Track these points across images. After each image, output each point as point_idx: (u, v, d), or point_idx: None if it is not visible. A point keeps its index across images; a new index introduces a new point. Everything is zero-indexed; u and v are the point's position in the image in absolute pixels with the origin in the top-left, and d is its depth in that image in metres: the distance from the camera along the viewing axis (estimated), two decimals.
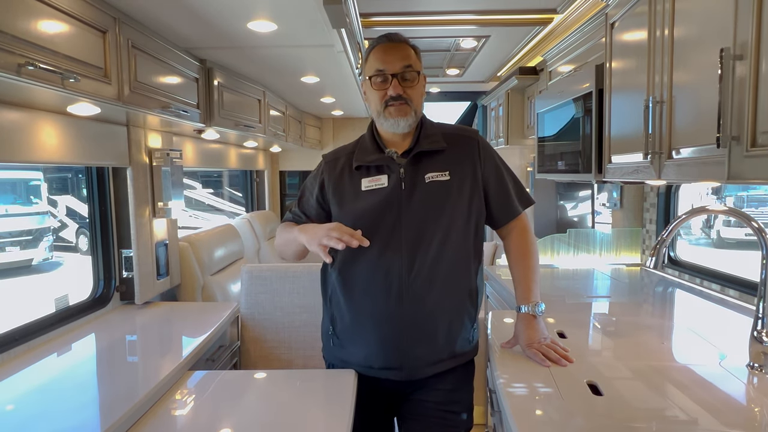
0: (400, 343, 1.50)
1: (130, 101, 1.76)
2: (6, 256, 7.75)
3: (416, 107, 1.51)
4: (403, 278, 1.48)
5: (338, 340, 1.60)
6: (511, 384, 1.44)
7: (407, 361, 1.51)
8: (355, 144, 1.61)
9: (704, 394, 1.35)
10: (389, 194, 1.50)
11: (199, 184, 10.69)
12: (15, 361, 1.70)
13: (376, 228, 1.48)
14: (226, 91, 2.66)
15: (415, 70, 1.48)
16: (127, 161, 2.27)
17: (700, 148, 1.36)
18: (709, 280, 2.49)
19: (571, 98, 2.54)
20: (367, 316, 1.52)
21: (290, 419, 1.41)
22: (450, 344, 1.55)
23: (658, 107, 1.58)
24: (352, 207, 1.53)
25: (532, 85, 3.81)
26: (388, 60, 1.47)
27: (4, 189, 8.51)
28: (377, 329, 1.51)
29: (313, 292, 2.40)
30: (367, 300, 1.52)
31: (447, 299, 1.52)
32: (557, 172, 2.79)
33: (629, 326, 2.01)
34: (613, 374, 1.52)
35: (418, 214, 1.49)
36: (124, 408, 1.34)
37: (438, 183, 1.50)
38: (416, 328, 1.50)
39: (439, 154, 1.53)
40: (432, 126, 1.58)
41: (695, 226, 9.09)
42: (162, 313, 2.35)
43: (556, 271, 3.21)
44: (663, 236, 1.67)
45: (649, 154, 1.61)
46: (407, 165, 1.50)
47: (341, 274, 1.55)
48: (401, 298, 1.48)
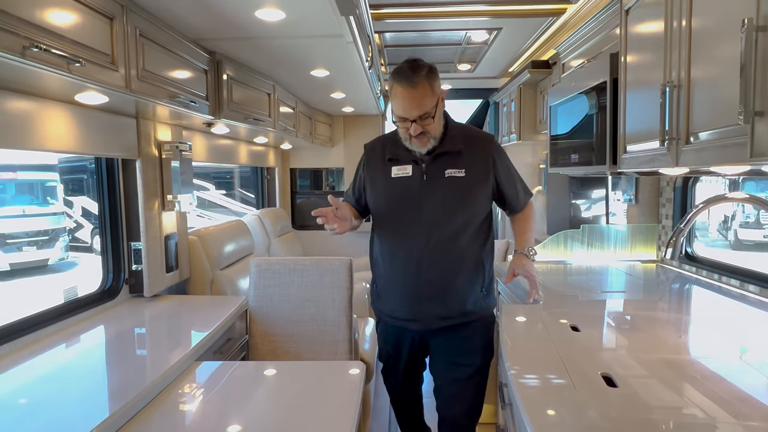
0: (416, 301, 1.90)
1: (137, 90, 1.75)
2: (23, 255, 7.84)
3: (435, 134, 1.85)
4: (420, 251, 1.86)
5: (377, 296, 2.06)
6: (523, 375, 1.40)
7: (422, 316, 1.91)
8: (390, 137, 1.99)
9: (724, 387, 1.30)
10: (413, 183, 1.88)
11: (212, 185, 10.76)
12: (23, 351, 1.70)
13: (401, 210, 1.90)
14: (236, 84, 2.65)
15: (431, 115, 1.78)
16: (136, 153, 2.27)
17: (720, 130, 1.31)
18: (728, 276, 2.42)
19: (585, 89, 2.49)
20: (394, 278, 1.95)
21: (297, 409, 1.38)
22: (459, 305, 1.91)
23: (675, 91, 1.53)
24: (383, 189, 1.94)
25: (544, 79, 3.76)
26: (408, 109, 1.77)
27: (21, 190, 8.64)
28: (400, 289, 1.93)
29: (321, 286, 2.38)
30: (394, 266, 1.94)
31: (456, 269, 1.89)
32: (570, 165, 2.74)
33: (645, 321, 1.96)
34: (628, 367, 1.47)
35: (435, 201, 1.86)
36: (131, 395, 1.32)
37: (454, 178, 1.86)
38: (429, 291, 1.88)
39: (457, 154, 1.88)
40: (454, 128, 1.92)
41: (712, 227, 8.90)
42: (171, 305, 2.34)
43: (569, 267, 3.15)
44: (680, 226, 1.62)
45: (666, 140, 1.56)
46: (429, 162, 1.87)
47: (378, 246, 2.00)
48: (419, 267, 1.87)
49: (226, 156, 3.54)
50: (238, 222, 3.57)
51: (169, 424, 1.32)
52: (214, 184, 10.95)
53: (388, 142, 1.98)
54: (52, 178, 8.83)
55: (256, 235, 3.91)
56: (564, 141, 2.90)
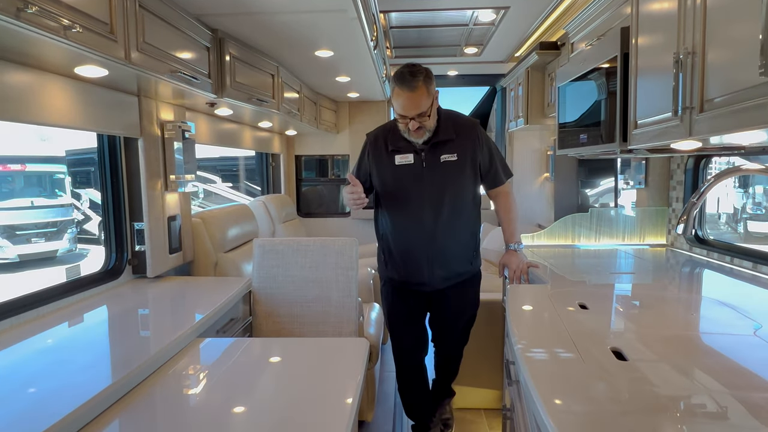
0: (426, 267, 2.27)
1: (137, 63, 1.72)
2: (32, 247, 7.88)
3: (430, 127, 2.16)
4: (427, 225, 2.22)
5: (386, 265, 2.37)
6: (530, 350, 1.37)
7: (431, 279, 2.29)
8: (389, 128, 2.28)
9: (738, 361, 1.26)
10: (414, 169, 2.21)
11: (218, 178, 10.77)
12: (24, 326, 1.69)
13: (407, 192, 2.23)
14: (239, 63, 2.62)
15: (427, 114, 2.10)
16: (138, 132, 2.24)
17: (737, 93, 1.25)
18: (740, 258, 2.37)
19: (594, 75, 2.44)
20: (405, 249, 2.29)
21: (298, 380, 1.36)
22: (458, 268, 2.33)
23: (689, 58, 1.48)
24: (390, 175, 2.25)
25: (552, 61, 3.69)
26: (408, 108, 2.08)
27: (30, 182, 8.68)
28: (412, 258, 2.28)
29: (325, 266, 2.35)
30: (404, 239, 2.28)
31: (457, 239, 2.28)
32: (579, 145, 2.69)
33: (655, 300, 1.92)
34: (639, 342, 1.43)
35: (435, 183, 2.20)
36: (134, 366, 1.31)
37: (449, 162, 2.21)
38: (436, 258, 2.25)
39: (450, 141, 2.21)
40: (447, 119, 2.22)
41: (721, 220, 8.74)
42: (174, 286, 2.32)
43: (576, 251, 3.11)
44: (693, 200, 1.57)
45: (680, 110, 1.51)
46: (427, 151, 2.20)
47: (387, 222, 2.31)
48: (427, 239, 2.23)
49: (231, 140, 3.52)
50: (242, 206, 3.55)
51: (171, 393, 1.30)
52: (221, 177, 10.96)
53: (388, 133, 2.26)
54: (59, 170, 8.87)
55: (261, 220, 3.89)
56: (572, 128, 2.85)
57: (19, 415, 1.09)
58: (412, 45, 4.58)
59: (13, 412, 1.11)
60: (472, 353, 2.99)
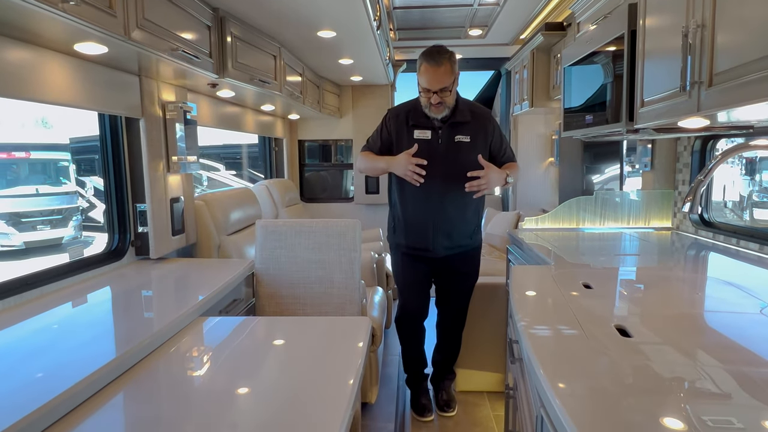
0: (431, 236, 2.50)
1: (137, 39, 1.70)
2: (37, 234, 7.92)
3: (450, 103, 2.37)
4: (436, 198, 2.45)
5: (395, 233, 2.62)
6: (533, 326, 1.36)
7: (435, 247, 2.51)
8: (411, 106, 2.48)
9: (744, 338, 1.25)
10: (431, 145, 2.42)
11: (222, 166, 10.77)
12: (28, 305, 1.69)
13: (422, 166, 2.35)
14: (240, 43, 2.59)
15: (449, 89, 2.31)
16: (139, 112, 2.23)
17: (747, 65, 1.22)
18: (746, 240, 2.34)
19: (601, 46, 2.40)
20: (414, 218, 2.52)
21: (301, 360, 1.36)
22: (460, 240, 2.55)
23: (698, 32, 1.44)
24: (406, 147, 2.40)
25: (558, 42, 3.64)
26: (432, 82, 2.30)
27: (35, 170, 8.70)
28: (420, 227, 2.51)
29: (328, 247, 2.35)
30: (415, 209, 2.50)
31: (462, 212, 2.51)
32: (584, 126, 2.65)
33: (660, 279, 1.90)
34: (643, 319, 1.42)
35: (448, 160, 2.41)
36: (137, 341, 1.31)
37: (463, 142, 2.43)
38: (441, 228, 2.48)
39: (466, 124, 2.43)
40: (463, 104, 2.45)
41: (727, 207, 8.68)
42: (177, 267, 2.32)
43: (581, 234, 3.09)
44: (700, 177, 1.55)
45: (687, 84, 1.48)
46: (444, 129, 2.42)
47: (400, 192, 2.52)
48: (435, 210, 2.46)
49: (233, 123, 3.50)
50: (245, 189, 3.54)
51: (174, 368, 1.30)
52: (225, 165, 10.96)
53: (410, 110, 2.47)
54: (64, 158, 8.88)
55: (264, 204, 3.89)
56: (578, 111, 2.81)
57: (21, 388, 1.09)
58: (416, 27, 4.52)
59: (15, 385, 1.11)
60: (476, 337, 2.99)
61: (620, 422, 0.88)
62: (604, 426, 0.86)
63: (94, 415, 1.04)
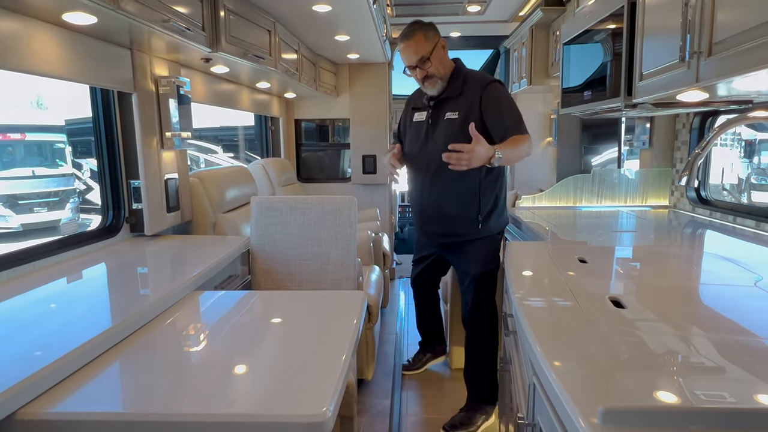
0: (423, 220, 2.43)
1: (127, 9, 1.66)
2: (34, 216, 7.89)
3: (441, 74, 2.22)
4: (424, 182, 2.34)
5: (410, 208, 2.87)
6: (527, 298, 1.36)
7: (428, 232, 2.47)
8: (419, 89, 2.38)
9: (738, 308, 1.25)
10: (422, 126, 2.32)
11: (219, 148, 10.71)
12: (22, 279, 1.68)
13: (415, 148, 2.35)
14: (234, 16, 2.54)
15: (427, 58, 2.16)
16: (132, 87, 2.19)
17: (751, 30, 1.19)
18: (742, 217, 2.34)
19: (601, 20, 2.36)
20: (412, 201, 2.50)
21: (295, 332, 1.36)
22: (457, 228, 2.33)
23: (699, 1, 1.41)
24: (407, 130, 2.43)
25: (557, 18, 3.59)
26: (406, 58, 2.21)
27: (30, 151, 8.64)
28: (416, 209, 2.47)
29: (324, 224, 2.33)
30: (412, 192, 2.47)
31: (453, 197, 2.28)
32: (583, 102, 2.63)
33: (657, 254, 1.90)
34: (638, 292, 1.42)
35: (436, 140, 2.24)
36: (132, 312, 1.31)
37: (451, 119, 2.21)
38: (429, 213, 2.36)
39: (455, 98, 2.22)
40: (458, 76, 2.24)
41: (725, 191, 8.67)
42: (172, 244, 2.31)
43: (578, 211, 3.08)
44: (698, 150, 1.54)
45: (687, 55, 1.45)
46: (433, 107, 2.29)
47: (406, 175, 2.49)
48: (423, 194, 2.36)
49: (228, 100, 3.45)
50: (240, 167, 3.51)
51: (168, 339, 1.30)
52: (222, 147, 10.90)
53: (417, 94, 2.44)
54: (59, 140, 8.81)
55: (261, 183, 3.86)
56: (577, 90, 2.78)
57: (16, 355, 1.09)
58: (413, 2, 4.45)
59: (10, 353, 1.11)
60: None
61: (612, 389, 0.88)
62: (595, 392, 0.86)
63: (90, 383, 1.04)
